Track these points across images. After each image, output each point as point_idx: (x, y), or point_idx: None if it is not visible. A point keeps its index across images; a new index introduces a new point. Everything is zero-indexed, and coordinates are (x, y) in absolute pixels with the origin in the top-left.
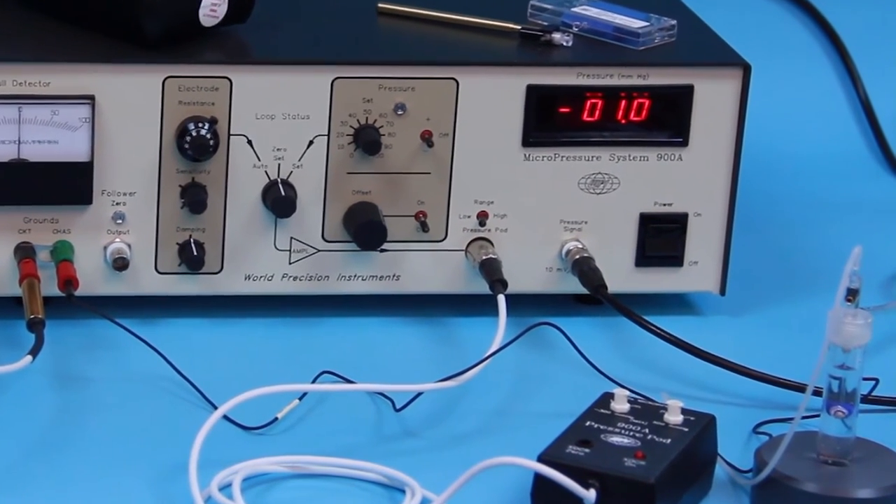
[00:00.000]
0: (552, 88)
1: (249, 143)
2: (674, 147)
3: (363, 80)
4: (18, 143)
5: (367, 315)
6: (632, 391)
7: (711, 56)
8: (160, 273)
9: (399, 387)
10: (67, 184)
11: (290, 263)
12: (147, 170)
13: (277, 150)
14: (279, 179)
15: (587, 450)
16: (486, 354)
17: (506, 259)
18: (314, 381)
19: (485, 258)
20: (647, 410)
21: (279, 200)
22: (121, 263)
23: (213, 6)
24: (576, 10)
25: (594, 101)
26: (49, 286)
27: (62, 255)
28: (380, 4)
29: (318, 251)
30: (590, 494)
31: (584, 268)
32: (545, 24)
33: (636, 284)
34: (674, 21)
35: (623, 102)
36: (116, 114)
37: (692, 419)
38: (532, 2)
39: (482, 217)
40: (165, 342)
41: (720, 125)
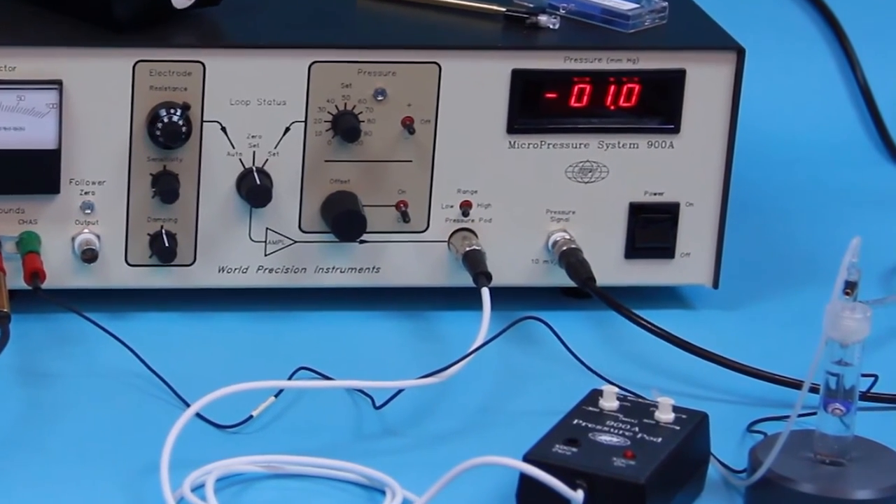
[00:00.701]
0: (538, 73)
1: (223, 130)
2: (665, 134)
3: (342, 65)
4: None
5: (346, 309)
6: (621, 388)
7: (704, 39)
8: (130, 265)
9: (379, 383)
10: (34, 172)
11: (266, 255)
12: (117, 158)
13: (252, 138)
14: (254, 168)
15: (574, 449)
16: (470, 350)
17: (490, 250)
18: (291, 378)
19: (468, 250)
20: (637, 408)
21: (254, 189)
22: (89, 255)
23: None
24: None
25: (582, 87)
26: (15, 279)
27: (28, 247)
28: None
29: (295, 242)
30: (577, 495)
31: (572, 260)
32: (531, 7)
33: (626, 277)
34: (665, 3)
35: (612, 88)
36: (85, 99)
37: (684, 417)
38: None
39: (465, 207)
40: (136, 337)
41: (713, 111)
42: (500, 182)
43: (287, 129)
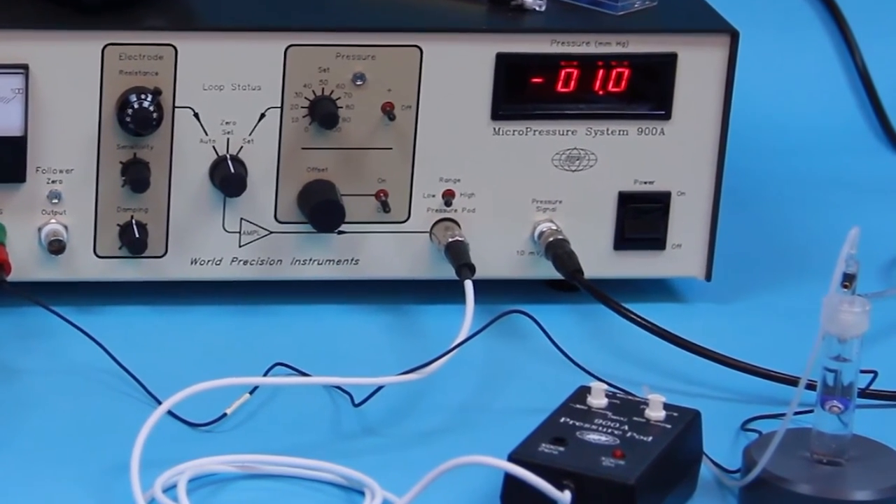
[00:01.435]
0: (524, 57)
1: (196, 117)
2: (655, 120)
3: (319, 48)
4: None
5: (324, 302)
6: (610, 385)
7: (696, 22)
8: (99, 257)
9: (358, 380)
10: None
11: (240, 246)
12: (85, 145)
13: (226, 124)
14: (228, 155)
15: (561, 448)
16: (453, 345)
17: (473, 242)
18: (266, 374)
19: (451, 241)
20: (627, 406)
21: (228, 178)
22: (57, 246)
23: None
24: None
25: (569, 71)
26: None
27: None
28: None
29: (271, 233)
30: (564, 496)
31: (559, 251)
32: None
33: (615, 269)
34: None
35: (601, 72)
36: (52, 84)
37: (675, 415)
38: None
39: (448, 196)
40: (105, 332)
41: (706, 97)
42: (484, 170)
43: (262, 116)
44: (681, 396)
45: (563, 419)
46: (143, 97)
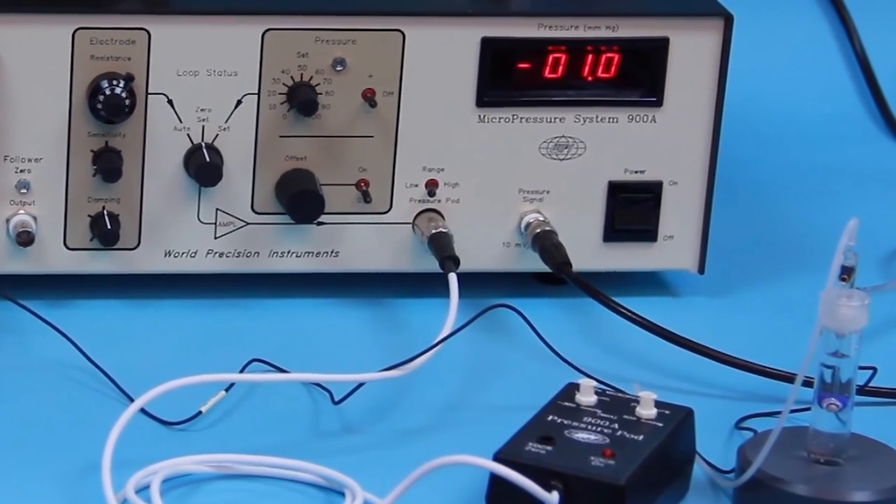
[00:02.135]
0: (510, 41)
1: (170, 103)
2: (646, 107)
3: (297, 32)
4: None
5: (302, 296)
6: (599, 381)
7: (689, 5)
8: (70, 249)
9: (338, 377)
10: None
11: (216, 238)
12: (55, 133)
13: (201, 111)
14: (203, 144)
15: (549, 447)
16: (436, 340)
17: (458, 233)
18: (242, 371)
19: (434, 232)
20: (617, 403)
21: (203, 167)
22: (25, 238)
23: None
24: None
25: (557, 56)
26: None
27: None
28: None
29: (247, 224)
30: (552, 497)
31: (546, 243)
32: None
33: (604, 262)
34: None
35: (590, 57)
36: (20, 70)
37: (667, 413)
38: None
39: (431, 186)
40: (75, 326)
41: (699, 83)
42: (469, 159)
43: (239, 102)
44: (673, 394)
45: (551, 417)
46: (115, 83)
